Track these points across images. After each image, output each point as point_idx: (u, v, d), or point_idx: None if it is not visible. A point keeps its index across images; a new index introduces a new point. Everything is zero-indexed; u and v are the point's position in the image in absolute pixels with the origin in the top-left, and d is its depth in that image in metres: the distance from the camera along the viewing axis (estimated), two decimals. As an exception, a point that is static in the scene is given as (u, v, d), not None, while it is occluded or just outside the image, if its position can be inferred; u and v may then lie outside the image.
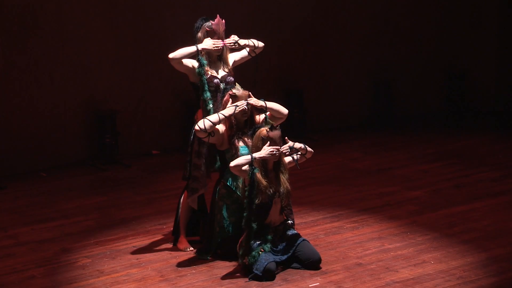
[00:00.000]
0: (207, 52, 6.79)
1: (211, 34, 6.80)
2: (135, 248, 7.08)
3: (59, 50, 9.55)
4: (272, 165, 6.47)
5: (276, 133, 6.43)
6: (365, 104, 11.38)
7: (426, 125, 11.41)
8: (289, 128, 10.71)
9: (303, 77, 10.99)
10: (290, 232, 6.60)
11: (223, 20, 6.83)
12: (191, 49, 6.72)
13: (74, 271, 6.63)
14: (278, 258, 6.48)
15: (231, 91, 6.73)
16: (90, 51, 9.75)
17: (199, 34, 6.83)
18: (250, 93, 6.74)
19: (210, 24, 6.79)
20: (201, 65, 6.73)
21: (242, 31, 6.74)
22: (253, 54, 6.98)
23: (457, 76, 11.59)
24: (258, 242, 6.43)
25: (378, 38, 11.46)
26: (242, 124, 6.73)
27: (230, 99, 6.71)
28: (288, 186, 6.53)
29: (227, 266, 6.59)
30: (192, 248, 6.97)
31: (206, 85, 6.74)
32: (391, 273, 6.42)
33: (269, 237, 6.49)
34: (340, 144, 10.39)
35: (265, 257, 6.36)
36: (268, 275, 6.31)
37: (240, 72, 7.26)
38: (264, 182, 6.39)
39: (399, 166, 9.46)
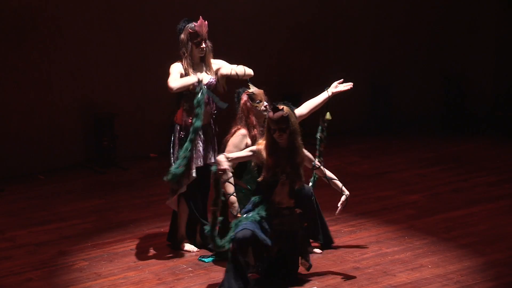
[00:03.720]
0: (190, 54, 6.84)
1: (194, 35, 6.82)
2: (132, 251, 7.08)
3: (57, 53, 9.55)
4: (284, 145, 6.20)
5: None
6: (363, 108, 11.38)
7: (424, 129, 11.42)
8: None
9: (301, 81, 10.99)
10: (296, 227, 6.31)
11: (206, 22, 6.85)
12: (192, 79, 6.74)
13: (72, 274, 6.62)
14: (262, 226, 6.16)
15: (247, 91, 6.74)
16: (88, 54, 9.75)
17: (182, 36, 6.86)
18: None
19: (193, 25, 6.81)
20: (201, 93, 6.73)
21: (241, 35, 6.74)
22: (237, 78, 6.97)
23: (455, 80, 11.60)
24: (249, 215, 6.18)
25: (377, 43, 11.47)
26: (262, 121, 6.72)
27: (249, 99, 6.70)
28: (301, 170, 6.28)
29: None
30: (197, 249, 6.96)
31: (201, 115, 6.75)
32: (388, 277, 6.42)
33: (264, 213, 6.20)
34: (338, 148, 10.38)
35: (244, 225, 6.07)
36: (239, 243, 5.99)
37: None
38: (268, 158, 6.16)
39: (397, 170, 9.46)
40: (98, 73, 9.85)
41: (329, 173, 6.64)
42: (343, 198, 6.53)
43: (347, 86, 6.95)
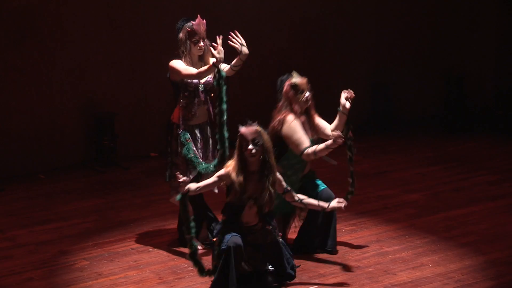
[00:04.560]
0: (189, 53, 6.85)
1: (192, 34, 6.83)
2: (133, 251, 7.08)
3: (57, 52, 9.55)
4: (255, 167, 6.04)
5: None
6: (364, 107, 11.38)
7: (424, 129, 11.42)
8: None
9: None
10: (269, 239, 6.20)
11: (204, 20, 6.85)
12: (210, 67, 6.69)
13: (72, 273, 6.62)
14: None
15: (289, 80, 6.74)
16: (88, 53, 9.75)
17: (181, 35, 6.88)
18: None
19: (191, 24, 6.82)
20: (220, 77, 6.68)
21: (241, 33, 6.73)
22: (236, 70, 6.92)
23: (456, 79, 11.58)
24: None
25: (377, 42, 11.47)
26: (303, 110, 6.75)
27: (291, 89, 6.69)
28: (272, 192, 6.05)
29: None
30: (202, 247, 6.95)
31: (224, 97, 6.69)
32: (389, 276, 6.42)
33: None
34: (339, 147, 10.35)
35: (229, 234, 6.00)
36: (234, 249, 5.92)
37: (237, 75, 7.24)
38: (237, 180, 5.99)
39: (398, 169, 9.46)
40: (98, 72, 9.85)
41: (301, 196, 6.36)
42: (332, 204, 6.41)
43: (349, 94, 6.90)
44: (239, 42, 6.71)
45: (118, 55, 9.92)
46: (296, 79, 6.73)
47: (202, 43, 6.86)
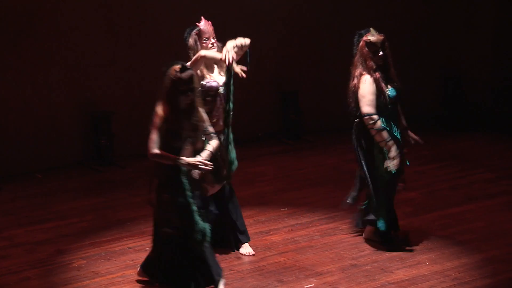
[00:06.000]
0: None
1: (201, 34, 6.80)
2: (130, 250, 7.08)
3: (54, 52, 9.54)
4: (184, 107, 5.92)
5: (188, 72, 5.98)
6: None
7: (422, 127, 11.37)
8: (284, 130, 10.78)
9: (299, 79, 10.99)
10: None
11: (210, 21, 6.84)
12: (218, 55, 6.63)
13: (69, 272, 6.62)
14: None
15: (366, 36, 6.76)
16: (85, 53, 9.74)
17: (190, 41, 6.83)
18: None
19: (198, 27, 6.80)
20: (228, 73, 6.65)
21: (238, 33, 6.72)
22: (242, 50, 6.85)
23: (453, 78, 11.59)
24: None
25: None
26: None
27: (366, 46, 6.77)
28: (199, 125, 5.99)
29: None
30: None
31: (232, 96, 6.66)
32: (386, 274, 6.43)
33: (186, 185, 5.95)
34: (336, 146, 10.38)
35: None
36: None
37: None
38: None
39: (395, 168, 9.45)
40: (95, 71, 9.84)
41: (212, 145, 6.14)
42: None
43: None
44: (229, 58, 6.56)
45: (115, 54, 9.91)
46: (373, 36, 6.76)
47: (213, 40, 6.83)
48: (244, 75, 6.52)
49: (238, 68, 6.53)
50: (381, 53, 6.78)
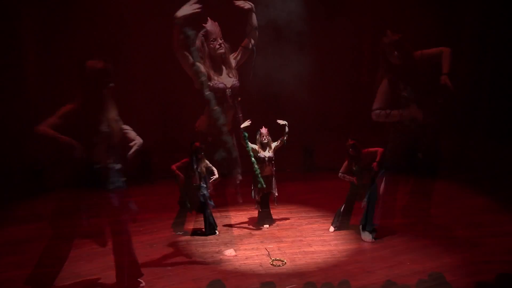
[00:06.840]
0: (208, 56, 6.80)
1: (208, 35, 6.81)
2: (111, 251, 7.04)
3: (51, 54, 9.53)
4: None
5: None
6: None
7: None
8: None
9: (293, 82, 10.99)
10: None
11: (216, 22, 6.86)
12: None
13: (51, 274, 6.58)
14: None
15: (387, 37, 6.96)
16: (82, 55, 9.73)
17: (197, 42, 6.83)
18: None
19: (204, 29, 6.82)
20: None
21: (239, 40, 6.76)
22: (250, 46, 6.90)
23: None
24: None
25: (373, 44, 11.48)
26: None
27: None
28: None
29: (203, 268, 6.60)
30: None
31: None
32: (367, 274, 6.44)
33: None
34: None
35: None
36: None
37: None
38: None
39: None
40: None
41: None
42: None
43: None
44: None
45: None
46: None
47: (220, 41, 6.83)
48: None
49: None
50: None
